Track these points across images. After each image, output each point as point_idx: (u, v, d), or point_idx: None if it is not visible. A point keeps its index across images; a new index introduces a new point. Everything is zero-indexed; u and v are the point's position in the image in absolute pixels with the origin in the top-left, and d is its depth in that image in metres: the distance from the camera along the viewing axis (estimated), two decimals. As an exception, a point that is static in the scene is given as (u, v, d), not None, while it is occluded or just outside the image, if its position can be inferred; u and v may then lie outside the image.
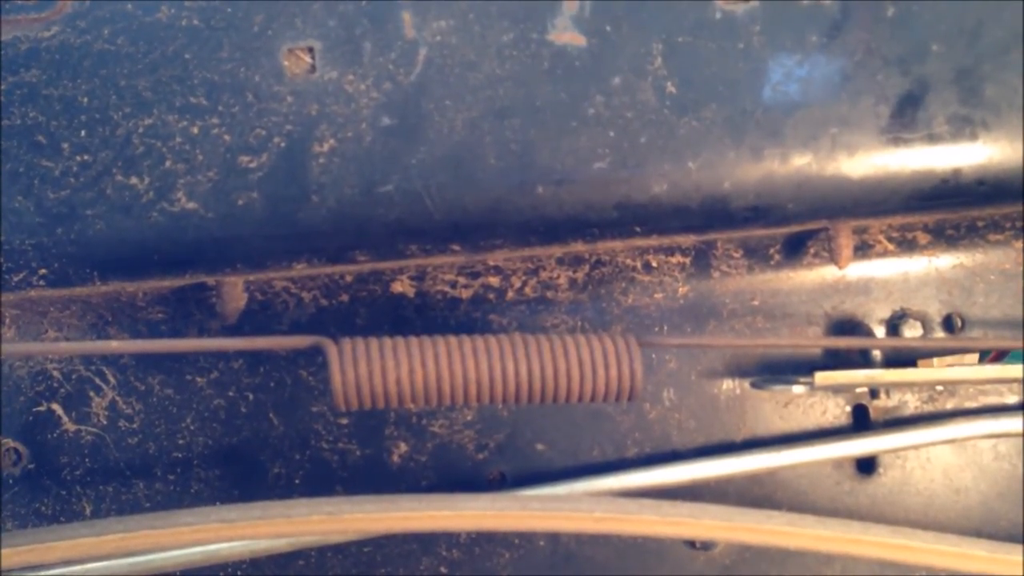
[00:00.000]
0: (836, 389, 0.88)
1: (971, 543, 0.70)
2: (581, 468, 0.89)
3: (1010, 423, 0.86)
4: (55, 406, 0.86)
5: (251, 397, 0.87)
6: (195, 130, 0.74)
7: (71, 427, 0.87)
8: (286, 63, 0.74)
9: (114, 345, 0.81)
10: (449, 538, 0.89)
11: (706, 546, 0.89)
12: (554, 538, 0.89)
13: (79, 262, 0.75)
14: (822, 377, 0.81)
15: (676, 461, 0.87)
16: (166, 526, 0.68)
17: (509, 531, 0.88)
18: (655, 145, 0.75)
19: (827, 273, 0.89)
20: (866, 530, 0.70)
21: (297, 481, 0.88)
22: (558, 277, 0.88)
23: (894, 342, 0.87)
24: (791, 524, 0.70)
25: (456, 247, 0.78)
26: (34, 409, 0.86)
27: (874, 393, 0.88)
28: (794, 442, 0.88)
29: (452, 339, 0.73)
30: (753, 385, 0.87)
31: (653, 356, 0.89)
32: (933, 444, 0.87)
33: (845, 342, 0.88)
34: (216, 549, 0.82)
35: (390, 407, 0.72)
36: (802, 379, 0.83)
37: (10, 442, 0.86)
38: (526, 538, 0.89)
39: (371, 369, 0.71)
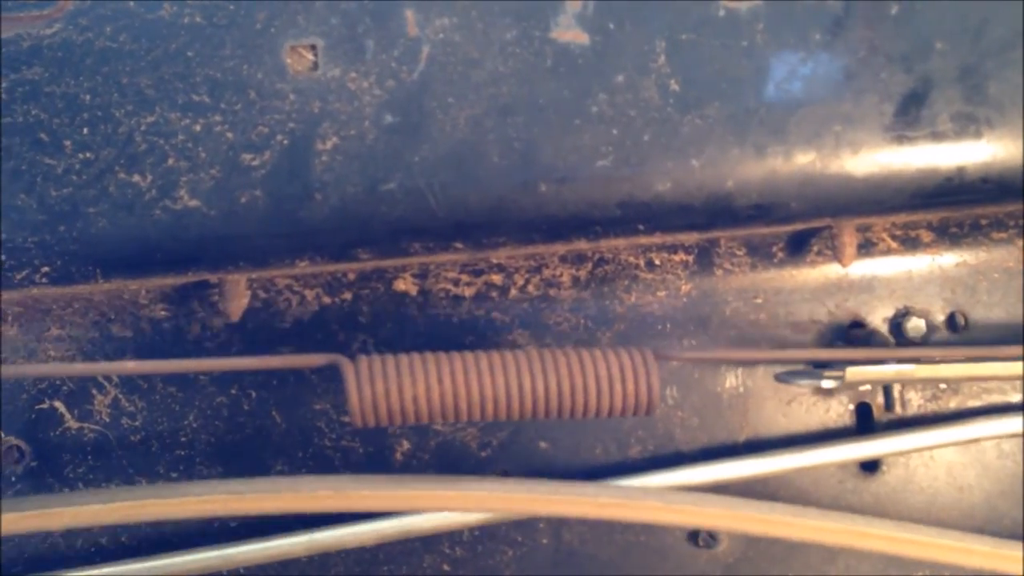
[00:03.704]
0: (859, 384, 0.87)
1: (974, 539, 0.70)
2: (584, 466, 0.89)
3: (1015, 423, 0.86)
4: (58, 404, 0.86)
5: (253, 395, 0.87)
6: (198, 128, 0.74)
7: (74, 425, 0.87)
8: (289, 61, 0.74)
9: (130, 366, 0.81)
10: (452, 536, 0.89)
11: (709, 544, 0.89)
12: (557, 536, 0.89)
13: (82, 260, 0.75)
14: (853, 372, 0.81)
15: (679, 461, 0.87)
16: (174, 496, 0.68)
17: (516, 525, 0.88)
18: (658, 143, 0.74)
19: (830, 271, 0.89)
20: (869, 524, 0.70)
21: (300, 479, 0.88)
22: (561, 275, 0.88)
23: (900, 352, 0.86)
24: (795, 515, 0.70)
25: (459, 245, 0.78)
26: (37, 407, 0.86)
27: (888, 404, 0.88)
28: (798, 441, 0.88)
29: (468, 355, 0.73)
30: (778, 378, 0.87)
31: (656, 355, 0.89)
32: (938, 447, 0.87)
33: (858, 353, 0.87)
34: (232, 554, 0.83)
35: (407, 424, 0.72)
36: (830, 373, 0.83)
37: (12, 440, 0.86)
38: (529, 536, 0.89)
39: (388, 387, 0.71)
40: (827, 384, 0.83)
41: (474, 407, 0.72)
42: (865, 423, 0.90)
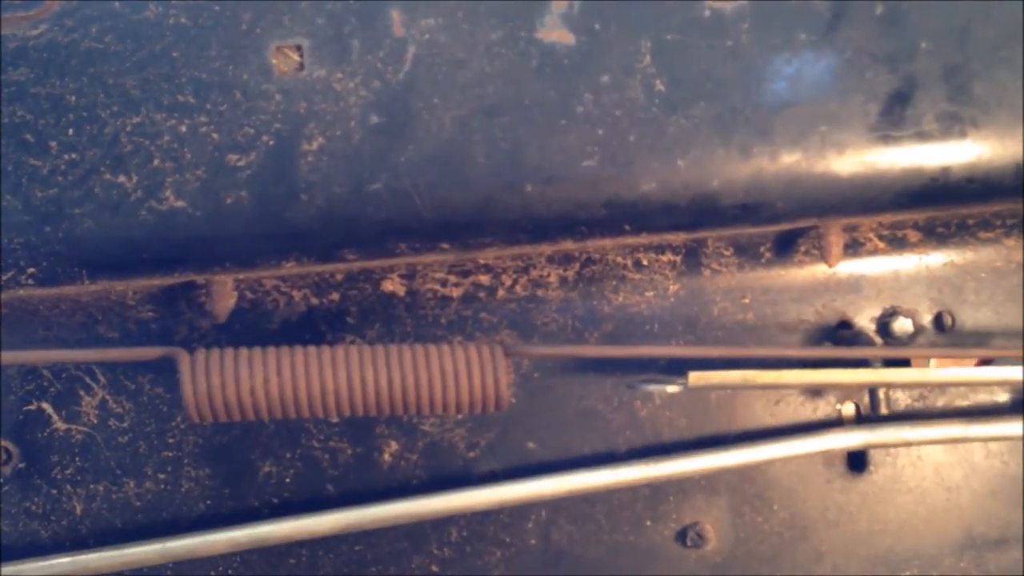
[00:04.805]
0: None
1: None
2: (572, 466, 0.88)
3: (1005, 427, 0.86)
4: (45, 405, 0.86)
5: (242, 395, 0.87)
6: (183, 128, 0.74)
7: (61, 426, 0.87)
8: (274, 61, 0.74)
9: None
10: (440, 536, 0.89)
11: (697, 544, 0.89)
12: (546, 536, 0.89)
13: (68, 261, 0.75)
14: (695, 377, 0.80)
15: (667, 454, 0.87)
16: None
17: (505, 526, 0.89)
18: (644, 143, 0.75)
19: (818, 271, 0.89)
20: None
21: (288, 480, 0.88)
22: (548, 275, 0.88)
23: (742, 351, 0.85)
24: None
25: (446, 245, 0.78)
26: (24, 408, 0.86)
27: (873, 405, 0.88)
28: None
29: (312, 349, 0.72)
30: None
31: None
32: (924, 443, 0.88)
33: (714, 350, 0.86)
34: (204, 541, 0.83)
35: (246, 419, 0.71)
36: (677, 380, 0.82)
37: (1, 441, 0.86)
38: (518, 536, 0.89)
39: (224, 380, 0.69)
40: (671, 389, 0.83)
41: (315, 401, 0.71)
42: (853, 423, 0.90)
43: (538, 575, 0.89)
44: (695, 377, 0.80)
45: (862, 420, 0.90)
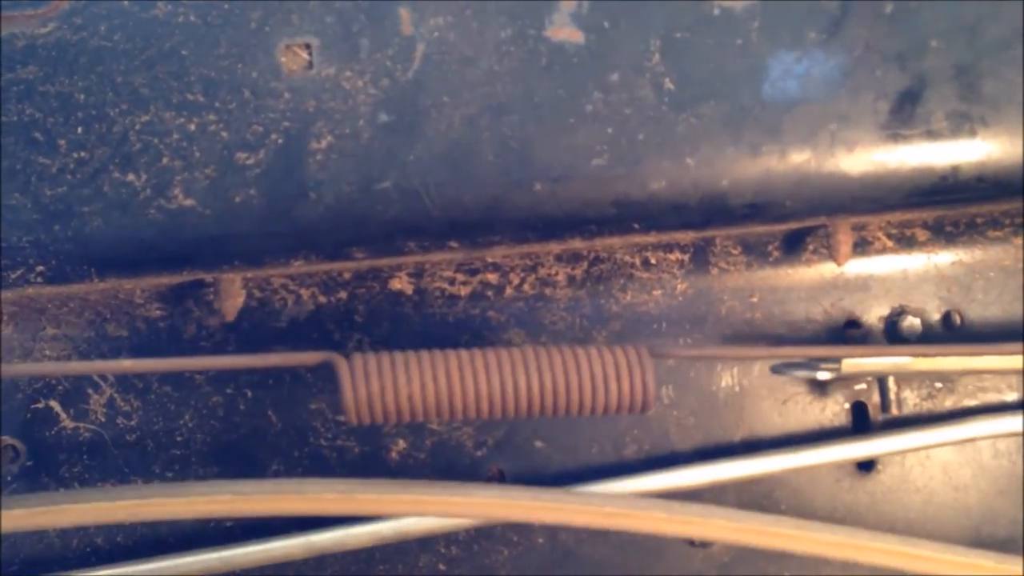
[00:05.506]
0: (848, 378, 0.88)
1: (977, 554, 0.71)
2: (579, 465, 0.89)
3: (1010, 423, 0.86)
4: (53, 403, 0.86)
5: (249, 394, 0.87)
6: (192, 127, 0.74)
7: (69, 424, 0.87)
8: (283, 60, 0.74)
9: (126, 364, 0.81)
10: (448, 535, 0.89)
11: (704, 543, 0.89)
12: (553, 535, 0.89)
13: (76, 259, 0.75)
14: (849, 364, 0.81)
15: (674, 461, 0.87)
16: (180, 495, 0.68)
17: (512, 525, 0.88)
18: (653, 142, 0.74)
19: (826, 270, 0.89)
20: (873, 538, 0.70)
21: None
22: (556, 274, 0.88)
23: (896, 350, 0.86)
24: (798, 528, 0.70)
25: (454, 244, 0.78)
26: (32, 406, 0.86)
27: (884, 405, 0.88)
28: (793, 440, 0.88)
29: (464, 353, 0.72)
30: (773, 370, 0.87)
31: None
32: (934, 446, 0.88)
33: (855, 350, 0.87)
34: (228, 556, 0.83)
35: (402, 422, 0.72)
36: (826, 365, 0.83)
37: (8, 439, 0.86)
38: (525, 535, 0.89)
39: (383, 385, 0.70)
40: (823, 376, 0.83)
41: (469, 405, 0.71)
42: (861, 422, 0.90)
43: (545, 574, 0.89)
44: (849, 365, 0.82)
45: (868, 427, 0.90)
